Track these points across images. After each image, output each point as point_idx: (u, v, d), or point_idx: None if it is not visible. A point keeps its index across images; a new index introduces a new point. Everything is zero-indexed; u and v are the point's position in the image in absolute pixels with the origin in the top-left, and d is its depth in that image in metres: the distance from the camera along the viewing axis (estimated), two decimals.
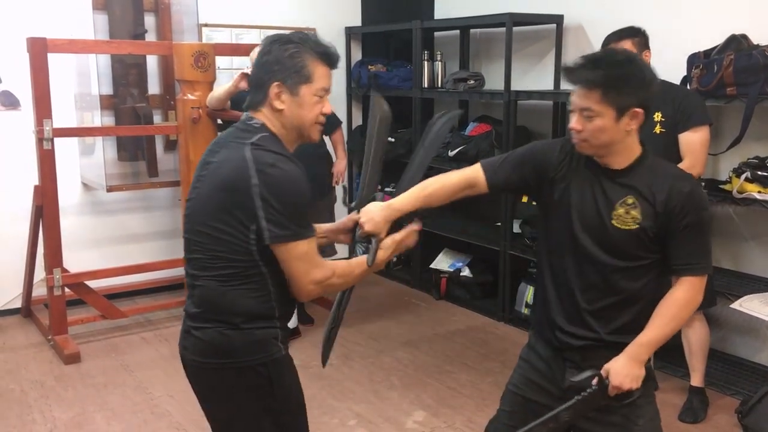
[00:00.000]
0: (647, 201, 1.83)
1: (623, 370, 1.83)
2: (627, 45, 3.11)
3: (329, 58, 1.80)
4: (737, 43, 3.33)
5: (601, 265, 1.87)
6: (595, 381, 1.86)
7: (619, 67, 1.80)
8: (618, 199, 1.85)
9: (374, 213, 1.99)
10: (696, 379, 3.32)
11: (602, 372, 1.86)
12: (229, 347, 1.78)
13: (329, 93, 1.84)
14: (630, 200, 1.84)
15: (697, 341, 3.25)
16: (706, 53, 3.44)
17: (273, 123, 1.82)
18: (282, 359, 1.84)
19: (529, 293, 4.36)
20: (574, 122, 1.84)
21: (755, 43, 3.34)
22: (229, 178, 1.73)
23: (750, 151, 3.48)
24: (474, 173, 2.01)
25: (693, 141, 3.03)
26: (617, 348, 1.88)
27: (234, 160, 1.74)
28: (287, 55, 1.76)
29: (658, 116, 3.11)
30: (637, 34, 3.15)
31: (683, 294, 1.85)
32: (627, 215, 1.84)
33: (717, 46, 3.40)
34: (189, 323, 1.86)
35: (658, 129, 3.10)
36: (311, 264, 1.76)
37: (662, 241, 1.85)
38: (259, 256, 1.73)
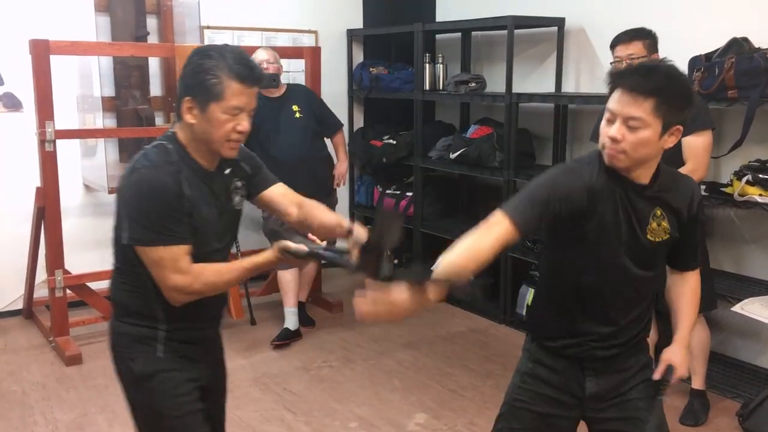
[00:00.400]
0: (672, 209, 1.84)
1: (683, 360, 1.92)
2: (638, 47, 3.11)
3: (245, 77, 1.76)
4: (738, 46, 3.33)
5: (637, 279, 1.87)
6: (663, 372, 1.92)
7: (675, 80, 1.73)
8: (649, 214, 1.82)
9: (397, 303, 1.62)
10: (697, 382, 3.32)
11: (666, 364, 1.91)
12: (113, 337, 1.94)
13: (246, 111, 1.81)
14: (659, 212, 1.83)
15: (697, 344, 3.25)
16: (708, 56, 3.44)
17: (185, 134, 1.84)
18: (156, 360, 1.89)
19: (529, 296, 4.36)
20: (614, 131, 1.72)
21: (756, 46, 3.34)
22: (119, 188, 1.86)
23: (751, 154, 3.48)
24: (505, 232, 1.76)
25: (696, 145, 3.03)
26: (637, 347, 1.96)
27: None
28: (200, 70, 1.75)
29: None
30: (648, 36, 3.14)
31: (696, 284, 1.98)
32: (659, 228, 1.83)
33: (718, 49, 3.40)
34: None
35: None
36: (170, 269, 1.77)
37: (675, 243, 1.90)
38: (134, 256, 1.81)
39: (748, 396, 3.30)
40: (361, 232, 1.99)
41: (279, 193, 2.11)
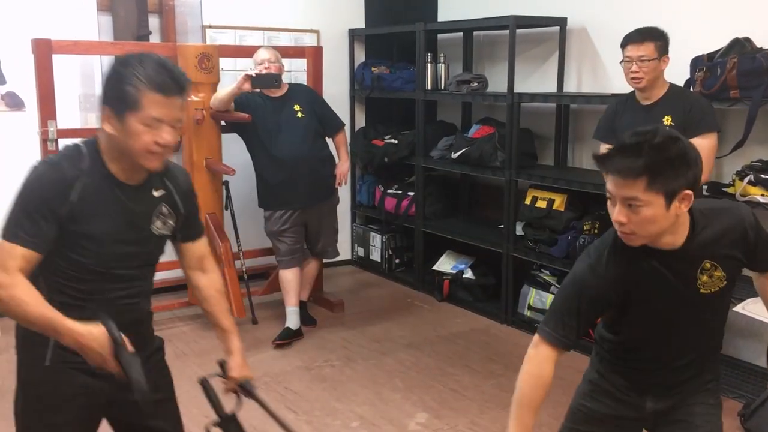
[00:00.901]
0: (723, 257, 1.77)
1: None
2: (649, 48, 3.10)
3: (164, 86, 1.65)
4: (741, 46, 3.33)
5: (700, 325, 1.85)
6: None
7: (662, 151, 1.61)
8: (695, 271, 1.76)
9: None
10: None
11: None
12: (17, 332, 1.83)
13: (168, 123, 1.68)
14: (707, 265, 1.76)
15: None
16: (710, 56, 3.44)
17: (105, 143, 1.75)
18: (41, 369, 1.77)
19: (531, 296, 4.36)
20: (617, 214, 1.66)
21: (759, 46, 3.34)
22: None
23: (753, 154, 3.48)
24: (553, 356, 1.80)
25: (701, 147, 2.98)
26: (704, 370, 1.94)
27: None
28: (118, 79, 1.67)
29: (667, 120, 3.12)
30: (660, 37, 3.11)
31: None
32: (711, 280, 1.77)
33: (720, 49, 3.40)
34: None
35: None
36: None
37: (750, 265, 1.88)
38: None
39: (750, 396, 3.30)
40: (233, 368, 1.99)
41: (195, 254, 2.02)
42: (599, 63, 4.41)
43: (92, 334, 1.63)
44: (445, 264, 5.08)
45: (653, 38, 3.11)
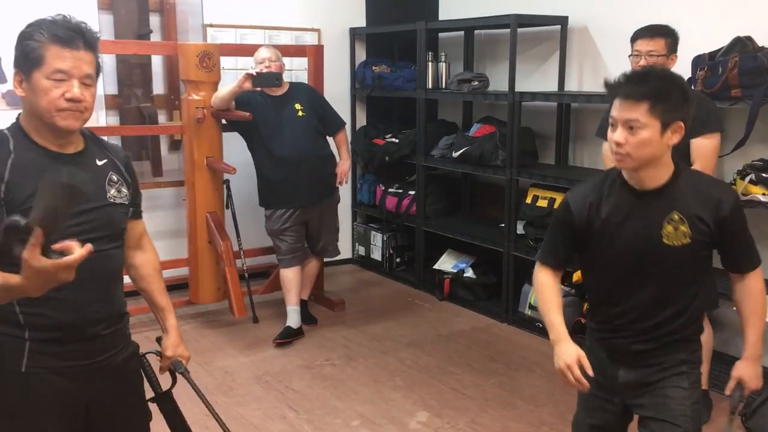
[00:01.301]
0: (693, 215, 1.88)
1: (755, 373, 1.98)
2: (660, 44, 3.10)
3: (64, 38, 1.62)
4: (742, 45, 3.32)
5: (661, 280, 1.95)
6: (732, 390, 2.03)
7: (665, 82, 1.85)
8: (663, 218, 1.90)
9: None
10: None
11: (736, 381, 2.01)
12: None
13: (77, 78, 1.64)
14: (676, 216, 1.89)
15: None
16: (711, 55, 3.44)
17: (24, 114, 1.71)
18: (15, 376, 1.67)
19: (532, 295, 4.36)
20: (617, 135, 1.85)
21: (760, 45, 3.33)
22: None
23: (755, 153, 3.48)
24: (554, 277, 2.10)
25: (705, 146, 3.02)
26: (675, 346, 2.01)
27: None
28: (21, 39, 1.65)
29: None
30: (671, 34, 3.12)
31: (757, 286, 1.98)
32: (676, 232, 1.89)
33: (722, 47, 3.40)
34: None
35: None
36: None
37: (716, 248, 1.96)
38: None
39: (751, 395, 3.29)
40: (167, 347, 2.01)
41: (137, 232, 2.00)
42: (600, 62, 4.41)
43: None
44: (446, 263, 5.08)
45: (664, 35, 3.11)
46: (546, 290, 2.09)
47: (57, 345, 1.70)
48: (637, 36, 3.17)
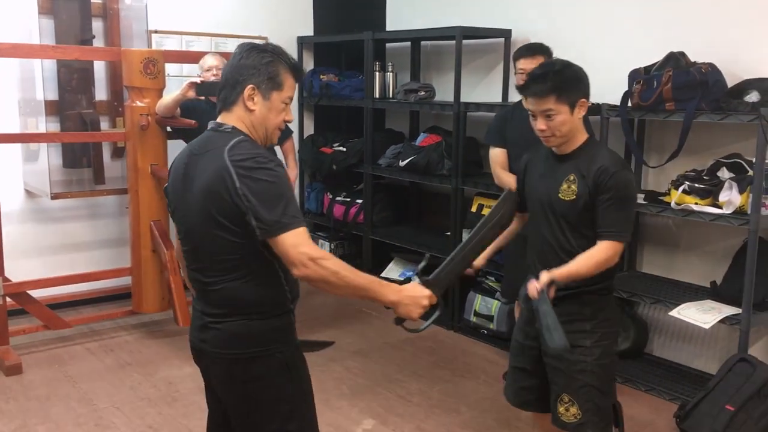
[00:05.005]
0: (583, 178, 2.28)
1: (544, 276, 2.19)
2: (539, 61, 3.36)
3: (298, 72, 1.97)
4: (676, 60, 3.46)
5: (556, 230, 2.35)
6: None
7: (561, 74, 2.29)
8: (563, 177, 2.32)
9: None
10: None
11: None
12: (253, 336, 1.88)
13: (291, 103, 1.98)
14: (572, 177, 2.31)
15: None
16: (647, 69, 3.56)
17: (244, 123, 1.90)
18: (297, 346, 1.96)
19: (477, 302, 4.42)
20: (539, 124, 2.30)
21: (693, 60, 3.47)
22: (214, 187, 1.79)
23: (688, 164, 3.61)
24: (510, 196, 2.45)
25: None
26: (573, 298, 2.32)
27: (214, 168, 1.80)
28: (264, 63, 1.89)
29: None
30: (547, 51, 3.47)
31: (599, 253, 2.26)
32: (569, 189, 2.31)
33: (657, 62, 3.53)
34: (208, 319, 1.91)
35: None
36: (306, 244, 1.76)
37: (593, 210, 2.28)
38: (265, 248, 1.81)
39: (686, 398, 3.41)
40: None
41: None
42: None
43: (410, 290, 1.95)
44: (393, 271, 5.11)
45: (543, 53, 3.43)
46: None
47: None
48: (519, 55, 3.49)
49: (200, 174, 1.84)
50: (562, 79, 2.27)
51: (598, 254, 2.25)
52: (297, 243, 1.73)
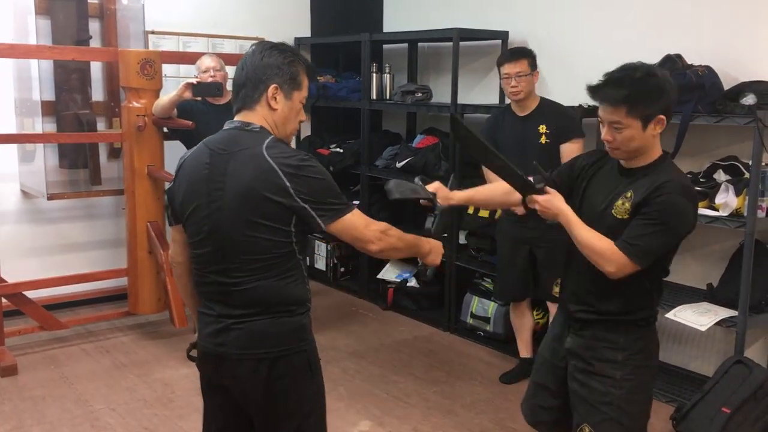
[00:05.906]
0: (638, 195, 2.03)
1: (546, 203, 2.13)
2: (523, 65, 3.53)
3: (313, 72, 1.99)
4: (672, 62, 3.46)
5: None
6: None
7: (640, 85, 1.99)
8: (621, 193, 2.08)
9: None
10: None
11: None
12: (280, 335, 1.89)
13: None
14: (629, 194, 2.06)
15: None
16: None
17: (267, 122, 1.91)
18: (315, 344, 2.00)
19: (474, 303, 4.42)
20: (605, 134, 2.06)
21: (689, 63, 3.47)
22: (257, 187, 1.79)
23: (684, 167, 3.61)
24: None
25: (572, 150, 3.43)
26: (616, 325, 2.14)
27: (255, 168, 1.80)
28: (287, 62, 1.89)
29: (542, 128, 3.51)
30: (530, 54, 3.57)
31: (604, 247, 2.03)
32: (622, 207, 2.07)
33: (653, 65, 3.53)
34: (229, 321, 1.89)
35: (543, 140, 3.52)
36: (372, 221, 1.93)
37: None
38: (298, 248, 1.87)
39: (682, 400, 3.42)
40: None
41: None
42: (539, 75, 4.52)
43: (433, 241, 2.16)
44: (390, 272, 5.11)
45: (525, 56, 3.54)
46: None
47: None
48: (503, 61, 3.56)
49: (234, 174, 1.82)
50: (639, 90, 1.97)
51: (602, 245, 2.02)
52: (366, 222, 1.88)
